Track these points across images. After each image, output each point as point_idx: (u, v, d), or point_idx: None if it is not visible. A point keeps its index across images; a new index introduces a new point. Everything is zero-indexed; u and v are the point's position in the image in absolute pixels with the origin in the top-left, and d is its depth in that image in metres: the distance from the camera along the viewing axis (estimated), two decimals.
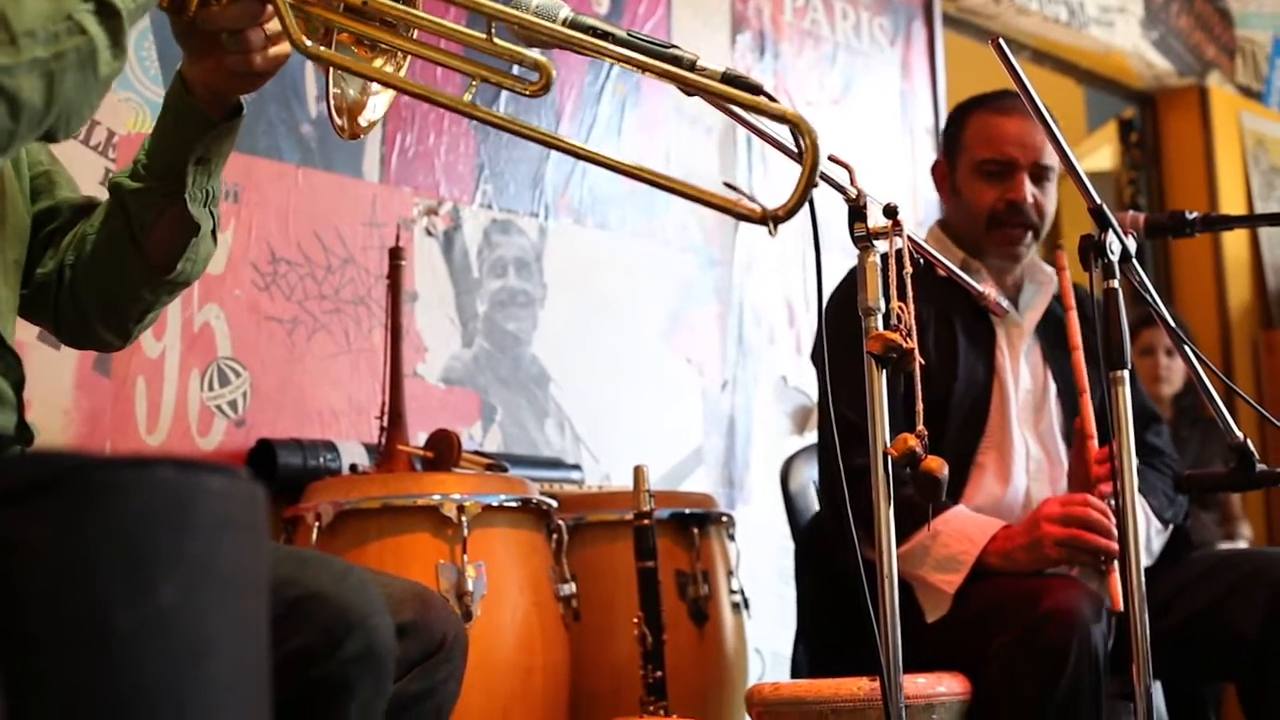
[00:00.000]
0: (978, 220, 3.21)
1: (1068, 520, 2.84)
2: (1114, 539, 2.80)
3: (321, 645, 1.81)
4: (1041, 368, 3.26)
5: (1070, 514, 2.85)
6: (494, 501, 2.84)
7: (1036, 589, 2.76)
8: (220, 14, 1.83)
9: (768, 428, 4.71)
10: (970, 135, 3.25)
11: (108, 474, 0.95)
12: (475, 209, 4.01)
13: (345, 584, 1.87)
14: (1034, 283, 3.29)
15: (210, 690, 0.95)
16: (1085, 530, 2.83)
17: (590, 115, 4.33)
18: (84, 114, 1.67)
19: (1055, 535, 2.84)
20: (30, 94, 1.56)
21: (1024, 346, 3.25)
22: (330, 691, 1.83)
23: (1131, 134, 7.04)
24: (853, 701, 2.68)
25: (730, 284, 4.66)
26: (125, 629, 0.92)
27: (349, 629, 1.83)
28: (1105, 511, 2.84)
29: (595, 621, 3.08)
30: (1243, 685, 3.05)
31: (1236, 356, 6.63)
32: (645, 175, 1.82)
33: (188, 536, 0.96)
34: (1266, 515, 6.45)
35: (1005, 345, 3.22)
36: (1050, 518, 2.86)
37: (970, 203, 3.22)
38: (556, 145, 1.89)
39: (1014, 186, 3.18)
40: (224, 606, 0.97)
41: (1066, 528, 2.84)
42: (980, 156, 3.21)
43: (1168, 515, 3.14)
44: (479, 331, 3.98)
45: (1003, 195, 3.18)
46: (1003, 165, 3.19)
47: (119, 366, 3.27)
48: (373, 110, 1.95)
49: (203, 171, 1.97)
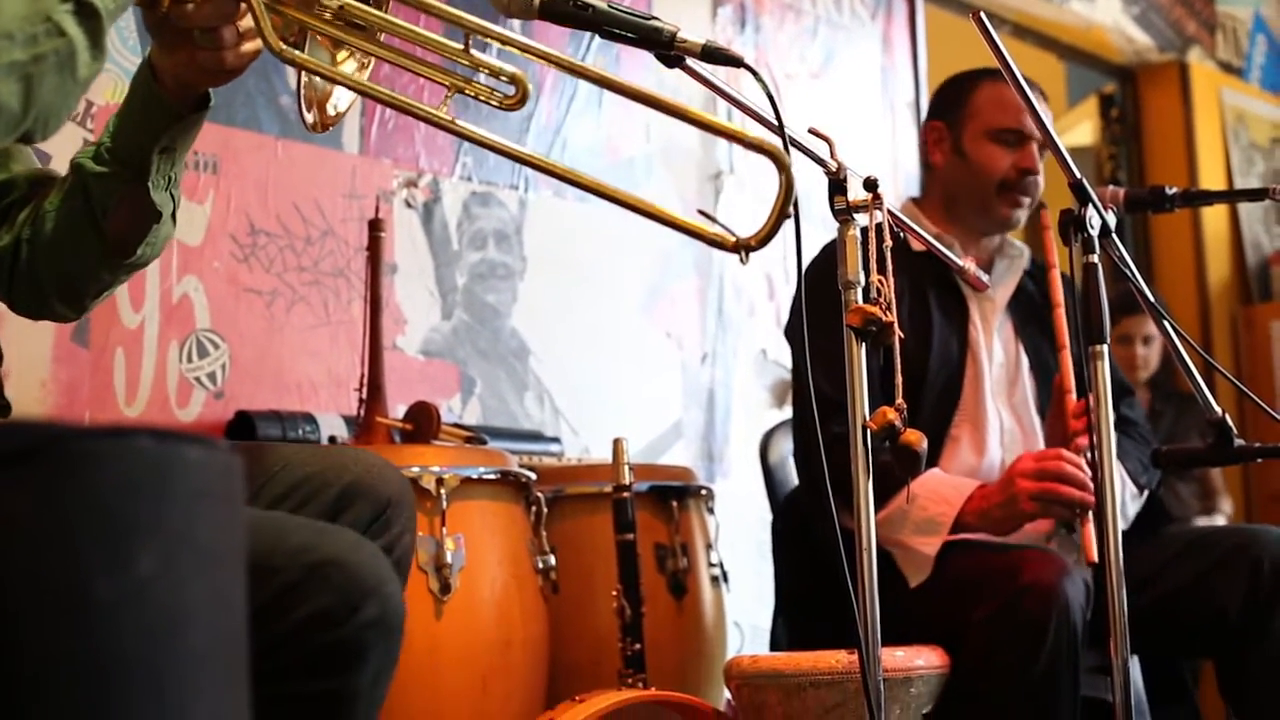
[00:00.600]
0: (987, 183, 3.23)
1: (1041, 474, 2.86)
2: (1089, 490, 2.82)
3: (338, 609, 1.82)
4: (1014, 342, 3.29)
5: (1044, 468, 2.87)
6: (473, 474, 2.84)
7: (1015, 563, 2.76)
8: (194, 11, 1.82)
9: (747, 401, 4.72)
10: (982, 101, 3.26)
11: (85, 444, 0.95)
12: (455, 181, 4.00)
13: (362, 552, 1.88)
14: (1005, 258, 3.33)
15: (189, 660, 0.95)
16: (1059, 483, 2.84)
17: (570, 88, 4.32)
18: (62, 116, 1.66)
19: (1029, 489, 2.86)
20: (7, 98, 1.55)
21: (997, 321, 3.28)
22: (346, 656, 1.84)
23: (1112, 109, 7.04)
24: (831, 674, 2.69)
25: (710, 258, 4.66)
26: (103, 599, 0.92)
27: (365, 595, 1.83)
28: (1079, 465, 2.86)
29: (574, 594, 3.09)
30: (1221, 662, 3.07)
31: (1215, 332, 6.66)
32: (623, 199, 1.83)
33: (166, 506, 0.96)
34: (1245, 491, 6.47)
35: (979, 320, 3.24)
36: (1024, 473, 2.88)
37: (981, 166, 3.24)
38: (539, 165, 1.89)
39: (1026, 155, 3.22)
40: (202, 577, 0.97)
41: (1040, 481, 2.85)
42: (997, 124, 3.23)
43: (1143, 481, 3.16)
44: (458, 304, 3.97)
45: (1016, 162, 3.22)
46: (1017, 135, 3.22)
47: (97, 338, 3.26)
48: (341, 100, 1.95)
49: (166, 159, 1.96)
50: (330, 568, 1.83)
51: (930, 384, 3.14)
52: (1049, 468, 2.86)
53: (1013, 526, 2.93)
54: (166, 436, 0.98)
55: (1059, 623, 2.68)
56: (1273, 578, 2.96)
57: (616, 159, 4.42)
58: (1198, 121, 6.82)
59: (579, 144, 4.32)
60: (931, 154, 3.36)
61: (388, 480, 2.12)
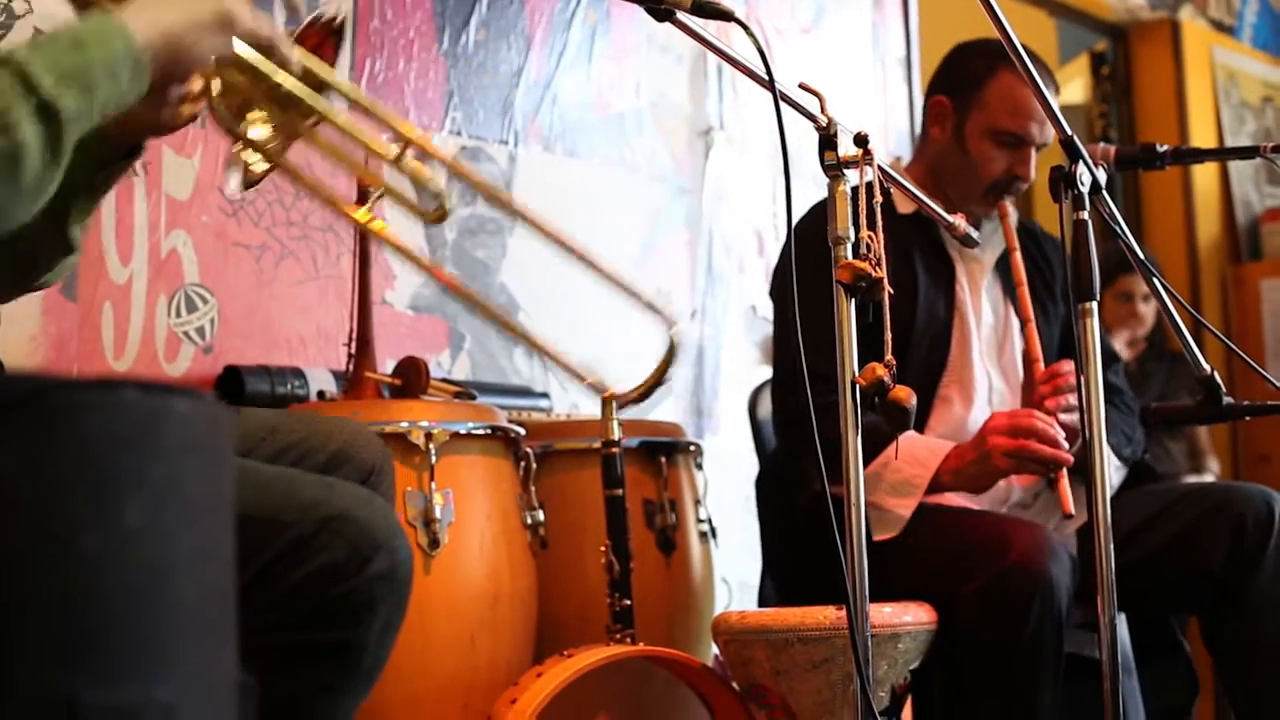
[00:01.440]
0: (978, 182, 3.20)
1: (1015, 430, 2.86)
2: (1061, 448, 2.83)
3: (349, 562, 1.85)
4: (1002, 303, 3.28)
5: (1017, 424, 2.87)
6: (462, 429, 2.83)
7: (1003, 538, 2.77)
8: None
9: (736, 357, 4.72)
10: (994, 96, 3.18)
11: (73, 396, 0.94)
12: (444, 136, 3.99)
13: (372, 506, 1.92)
14: (992, 220, 3.30)
15: (175, 611, 0.95)
16: (1032, 440, 2.85)
17: (560, 42, 4.30)
18: (3, 221, 1.56)
19: (1004, 446, 2.86)
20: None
21: (985, 282, 3.26)
22: (356, 608, 1.88)
23: (1103, 67, 7.02)
24: (818, 630, 2.70)
25: (700, 213, 4.65)
26: (91, 550, 0.92)
27: (375, 548, 1.87)
28: (1050, 423, 2.86)
29: (562, 549, 3.09)
30: (1205, 618, 3.08)
31: (1205, 290, 6.66)
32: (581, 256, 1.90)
33: (153, 459, 0.96)
34: (1232, 449, 6.49)
35: (965, 281, 3.23)
36: (998, 429, 2.88)
37: (977, 164, 3.19)
38: None
39: (1023, 161, 3.16)
40: (189, 528, 0.97)
41: (1014, 439, 2.86)
42: (1003, 125, 3.16)
43: (1126, 453, 3.19)
44: (447, 259, 3.96)
45: (1012, 168, 3.17)
46: (1020, 140, 3.15)
47: (85, 292, 3.25)
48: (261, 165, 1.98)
49: (90, 199, 1.92)
50: (340, 521, 1.86)
51: (916, 345, 3.14)
52: (1022, 424, 2.87)
53: (987, 484, 2.94)
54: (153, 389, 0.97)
55: (1043, 603, 2.70)
56: (1256, 534, 2.97)
57: (606, 114, 4.40)
58: (1189, 80, 6.80)
59: (569, 99, 4.30)
60: (931, 127, 3.30)
61: (371, 447, 2.17)
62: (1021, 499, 3.21)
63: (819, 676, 2.70)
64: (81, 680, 0.91)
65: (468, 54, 4.05)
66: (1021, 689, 2.73)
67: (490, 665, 2.77)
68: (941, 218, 2.63)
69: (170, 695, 0.94)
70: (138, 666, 0.93)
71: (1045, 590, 2.69)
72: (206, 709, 0.98)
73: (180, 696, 0.95)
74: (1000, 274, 3.28)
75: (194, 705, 0.96)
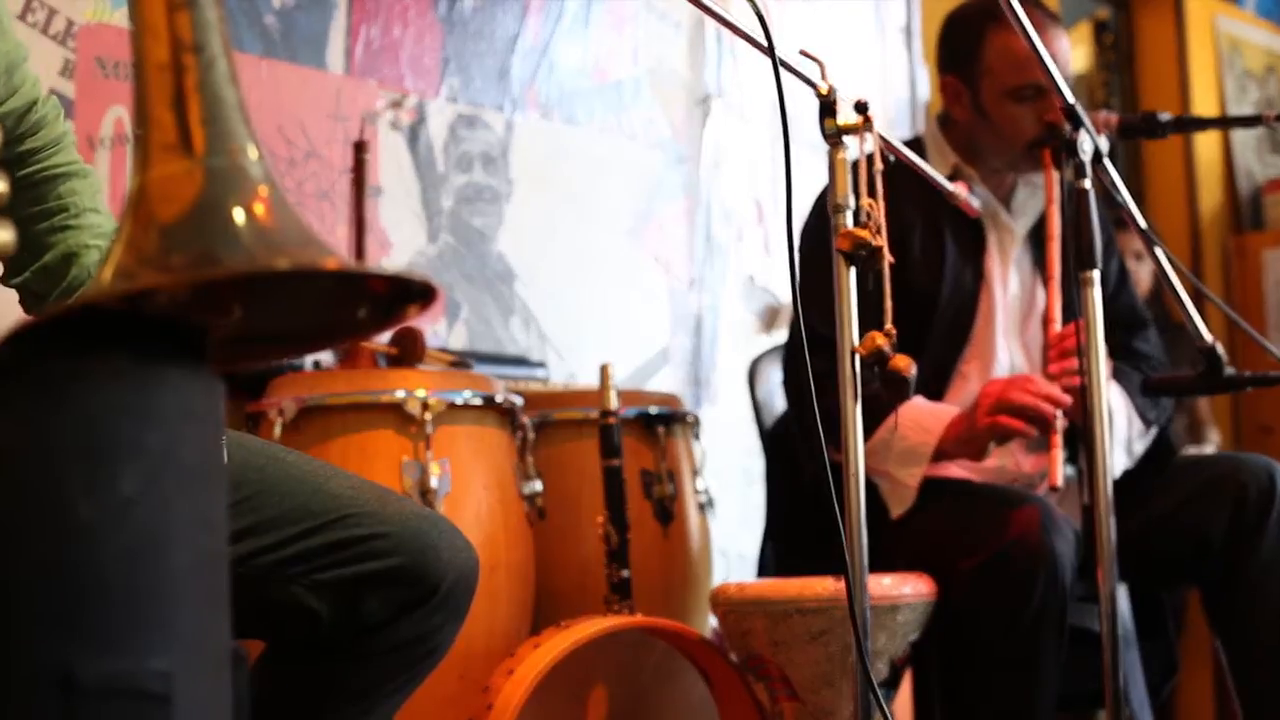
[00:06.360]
0: (1014, 144, 3.11)
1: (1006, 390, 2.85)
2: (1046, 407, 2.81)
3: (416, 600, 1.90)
4: (1031, 274, 3.23)
5: (1011, 382, 2.86)
6: (458, 399, 2.82)
7: (1004, 515, 2.75)
8: None
9: (735, 327, 4.70)
10: (993, 58, 3.12)
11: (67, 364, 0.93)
12: (441, 102, 3.97)
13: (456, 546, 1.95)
14: (1028, 185, 3.24)
15: (171, 581, 0.94)
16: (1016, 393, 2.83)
17: (557, 8, 4.28)
18: None
19: (987, 405, 2.85)
20: None
21: (1015, 253, 3.21)
22: (423, 651, 1.95)
23: (1105, 35, 7.00)
24: (817, 601, 2.69)
25: (698, 181, 4.63)
26: (85, 519, 0.91)
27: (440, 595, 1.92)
28: (1037, 392, 2.83)
29: (560, 520, 3.08)
30: (1206, 590, 3.08)
31: (1206, 260, 6.65)
32: None
33: (148, 426, 0.95)
34: (1234, 420, 6.49)
35: (996, 251, 3.18)
36: (990, 393, 2.87)
37: (1006, 128, 3.11)
38: None
39: (1049, 107, 3.03)
40: (185, 497, 0.96)
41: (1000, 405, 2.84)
42: (1014, 82, 3.09)
43: (1150, 416, 3.11)
44: (444, 227, 3.95)
45: (1040, 116, 3.06)
46: (1038, 88, 3.07)
47: None
48: None
49: None
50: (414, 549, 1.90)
51: (940, 318, 3.10)
52: (1015, 382, 2.86)
53: (980, 448, 2.91)
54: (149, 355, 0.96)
55: (1047, 579, 2.69)
56: (1257, 505, 2.96)
57: (604, 81, 4.38)
58: (1191, 48, 6.77)
59: (566, 65, 4.28)
60: (951, 108, 3.24)
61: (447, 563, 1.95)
62: (1030, 480, 3.17)
63: (817, 648, 2.70)
64: (78, 650, 0.90)
65: (464, 20, 4.02)
66: (1026, 664, 2.72)
67: (487, 636, 2.76)
68: (941, 186, 2.61)
69: (168, 664, 0.93)
70: (135, 636, 0.92)
71: (1049, 564, 2.68)
72: (203, 677, 0.97)
73: (178, 665, 0.94)
74: (1032, 244, 3.23)
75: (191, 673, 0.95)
